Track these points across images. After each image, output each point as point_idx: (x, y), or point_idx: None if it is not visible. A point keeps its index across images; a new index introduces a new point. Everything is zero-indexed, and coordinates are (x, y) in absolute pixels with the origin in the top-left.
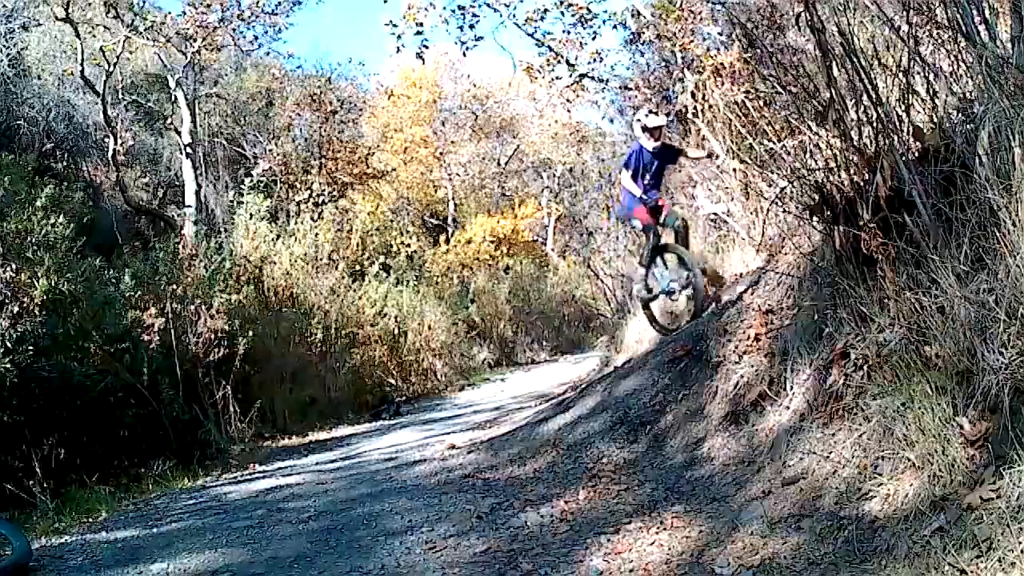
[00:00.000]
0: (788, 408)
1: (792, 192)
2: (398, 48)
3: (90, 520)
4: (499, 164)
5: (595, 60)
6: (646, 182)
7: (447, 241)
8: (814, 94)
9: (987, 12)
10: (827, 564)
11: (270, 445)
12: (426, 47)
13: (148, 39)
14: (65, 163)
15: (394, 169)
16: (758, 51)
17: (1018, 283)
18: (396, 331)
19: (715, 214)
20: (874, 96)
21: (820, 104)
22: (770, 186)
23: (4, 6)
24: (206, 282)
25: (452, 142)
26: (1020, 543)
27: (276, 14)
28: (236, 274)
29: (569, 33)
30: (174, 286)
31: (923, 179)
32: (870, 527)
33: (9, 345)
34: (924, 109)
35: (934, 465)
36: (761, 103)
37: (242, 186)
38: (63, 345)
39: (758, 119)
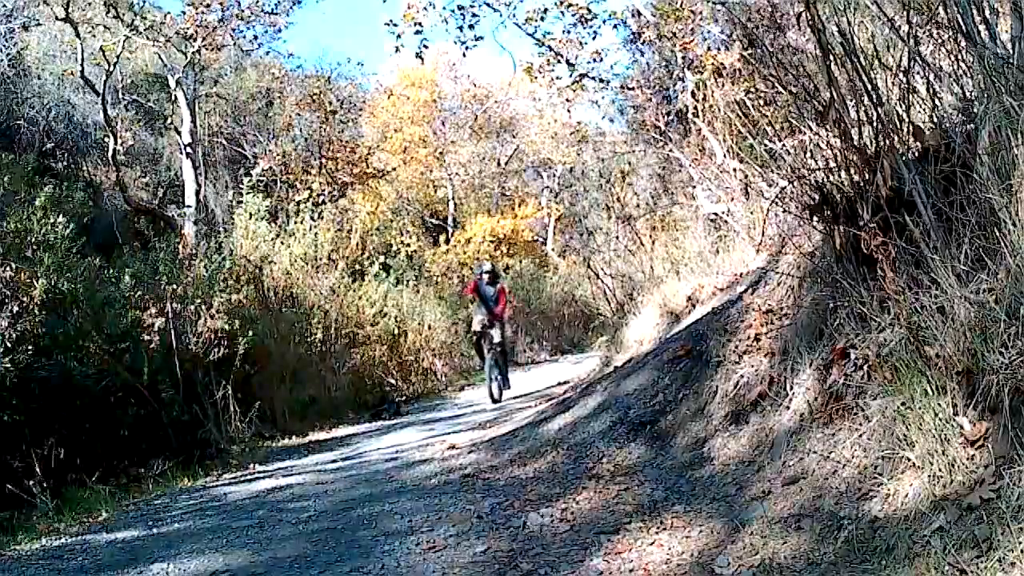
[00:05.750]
0: (788, 408)
1: (792, 192)
2: (397, 48)
3: (90, 520)
4: (499, 164)
5: (595, 60)
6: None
7: (447, 241)
8: (814, 94)
9: (987, 12)
10: (827, 564)
11: (270, 445)
12: (426, 47)
13: (148, 39)
14: (65, 163)
15: (394, 169)
16: (758, 51)
17: (1018, 283)
18: (396, 331)
19: (715, 214)
20: (874, 96)
21: (820, 104)
22: (770, 186)
23: (4, 6)
24: (206, 282)
25: (452, 142)
26: (1020, 543)
27: (276, 14)
28: (236, 274)
29: (569, 33)
30: (174, 286)
31: (923, 179)
32: (870, 527)
33: (9, 345)
34: (924, 109)
35: (934, 465)
36: (761, 103)
37: (242, 186)
38: (63, 345)
39: (758, 119)
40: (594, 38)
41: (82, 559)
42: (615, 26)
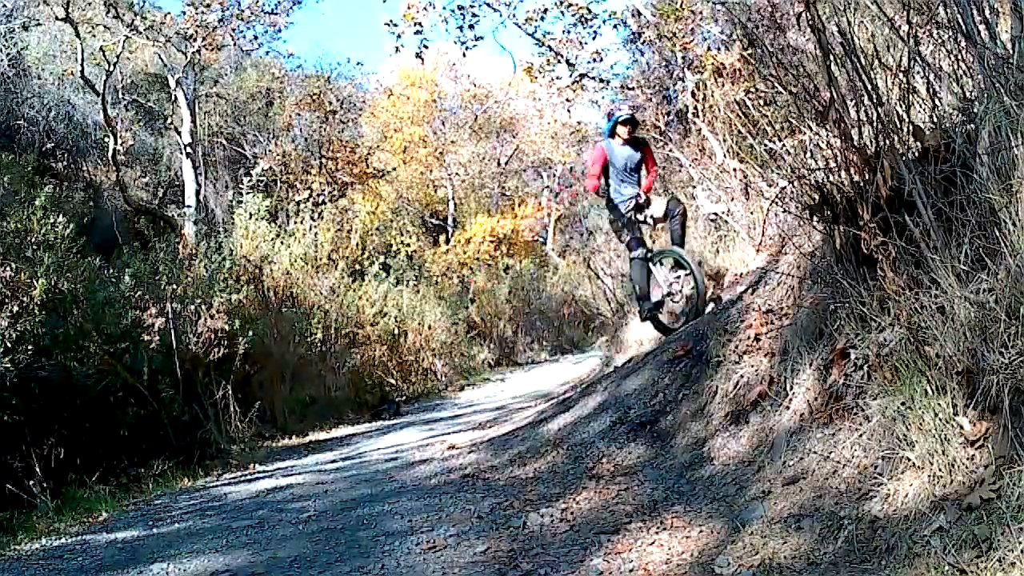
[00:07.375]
0: (788, 408)
1: (792, 192)
2: (397, 48)
3: (90, 520)
4: (499, 164)
5: (595, 60)
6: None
7: (447, 241)
8: (814, 94)
9: (987, 12)
10: (827, 564)
11: (270, 445)
12: (426, 47)
13: (148, 39)
14: (65, 163)
15: (394, 169)
16: (758, 51)
17: (1018, 283)
18: (396, 331)
19: (715, 214)
20: (874, 96)
21: (820, 104)
22: (770, 186)
23: (4, 6)
24: (206, 282)
25: (452, 142)
26: (1020, 543)
27: (276, 14)
28: (236, 274)
29: (569, 33)
30: (174, 286)
31: (923, 179)
32: (870, 527)
33: (9, 345)
34: (924, 109)
35: (934, 465)
36: (761, 103)
37: (242, 186)
38: (63, 345)
39: (758, 119)
40: (594, 38)
41: (82, 559)
42: (615, 26)
